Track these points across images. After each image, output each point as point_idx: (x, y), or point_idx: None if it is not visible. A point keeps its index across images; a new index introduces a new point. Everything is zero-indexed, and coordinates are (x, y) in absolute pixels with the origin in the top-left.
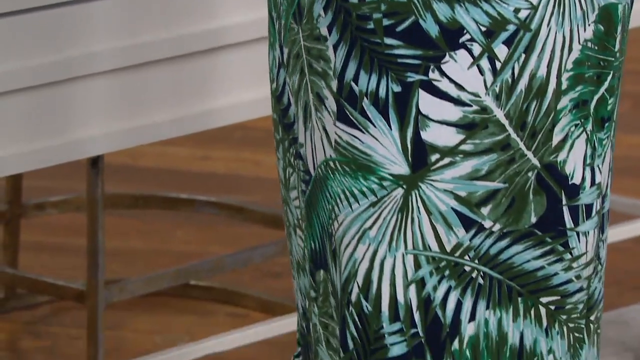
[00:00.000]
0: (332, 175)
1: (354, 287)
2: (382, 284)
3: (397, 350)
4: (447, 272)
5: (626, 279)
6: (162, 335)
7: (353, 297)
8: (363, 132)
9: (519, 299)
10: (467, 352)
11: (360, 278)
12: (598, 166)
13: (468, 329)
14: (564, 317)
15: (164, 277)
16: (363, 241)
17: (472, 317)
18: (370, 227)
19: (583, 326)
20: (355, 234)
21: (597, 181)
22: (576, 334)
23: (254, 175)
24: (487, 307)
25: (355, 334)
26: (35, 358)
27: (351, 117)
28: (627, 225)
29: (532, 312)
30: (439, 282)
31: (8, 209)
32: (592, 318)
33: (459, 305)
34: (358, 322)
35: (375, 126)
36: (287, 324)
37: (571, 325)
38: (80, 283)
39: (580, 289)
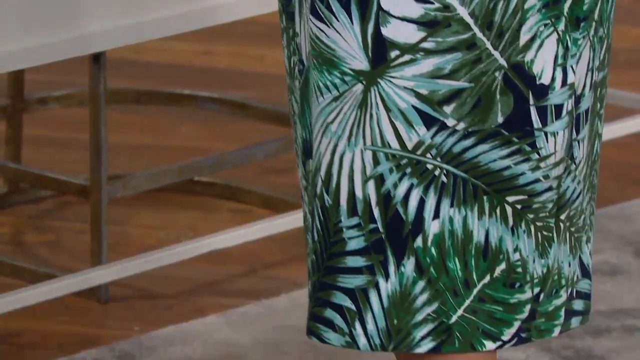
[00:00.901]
0: (312, 67)
1: (319, 180)
2: (341, 179)
3: (354, 244)
4: (408, 170)
5: (628, 173)
6: (166, 231)
7: (318, 190)
8: (328, 26)
9: (485, 197)
10: (433, 250)
11: (322, 171)
12: (571, 66)
13: (432, 227)
14: (531, 216)
15: (167, 173)
16: (326, 135)
17: (437, 215)
18: (332, 122)
19: (552, 225)
20: (320, 127)
21: (569, 81)
22: (545, 233)
23: (256, 71)
24: (452, 205)
25: (319, 226)
26: (39, 252)
27: (319, 11)
28: (630, 120)
29: (498, 210)
30: (400, 179)
31: (10, 104)
32: (562, 217)
33: (421, 203)
34: (321, 215)
35: (338, 20)
36: (290, 220)
37: (539, 224)
38: (83, 178)
39: (549, 189)
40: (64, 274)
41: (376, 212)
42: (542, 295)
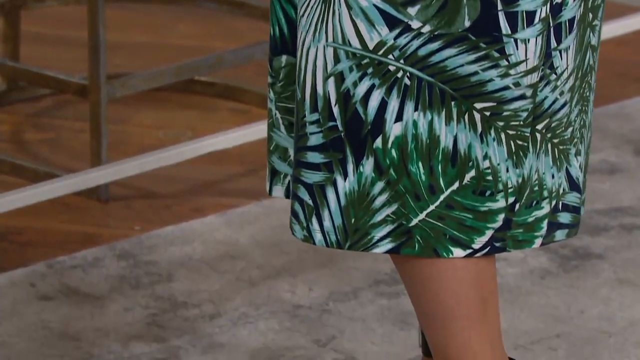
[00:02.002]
0: None
1: (297, 73)
2: (307, 73)
3: (314, 140)
4: (369, 70)
5: (629, 71)
6: (165, 130)
7: (298, 82)
8: None
9: (452, 102)
10: (393, 152)
11: (297, 65)
12: None
13: (394, 129)
14: (501, 123)
15: (166, 72)
16: (299, 29)
17: (399, 118)
18: (302, 15)
19: (527, 135)
20: (298, 22)
21: None
22: (519, 142)
23: None
24: (416, 109)
25: (294, 118)
26: (39, 150)
27: None
28: (631, 18)
29: (466, 117)
30: (360, 79)
31: (8, 0)
32: (539, 127)
33: (383, 104)
34: (296, 109)
35: None
36: None
37: (511, 132)
38: (81, 77)
39: (522, 97)
40: (64, 173)
41: (335, 110)
42: (517, 205)
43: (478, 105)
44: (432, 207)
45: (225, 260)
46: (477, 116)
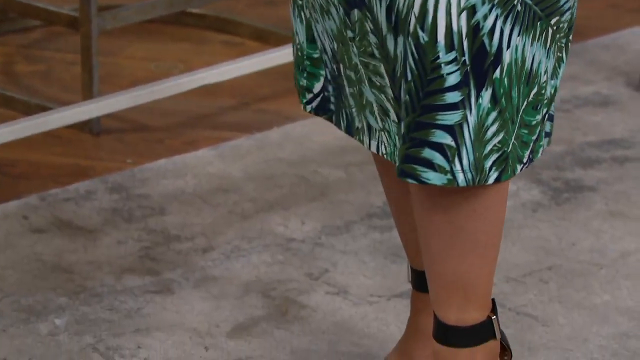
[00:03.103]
0: None
1: (411, 18)
2: (438, 13)
3: (452, 79)
4: (496, 1)
5: (624, 2)
6: (157, 63)
7: (411, 28)
8: None
9: (538, 23)
10: (505, 80)
11: (416, 8)
12: None
13: (507, 57)
14: (557, 36)
15: (157, 4)
16: None
17: (509, 45)
18: None
19: (564, 45)
20: None
21: None
22: (559, 54)
23: None
24: (519, 34)
25: (413, 65)
26: (30, 82)
27: None
28: None
29: (544, 34)
30: (490, 10)
31: None
32: (570, 37)
33: (502, 33)
34: (415, 54)
35: None
36: (282, 54)
37: (558, 44)
38: (72, 9)
39: (570, 7)
40: (56, 105)
41: (465, 44)
42: (547, 116)
43: (552, 21)
44: (515, 129)
45: (218, 193)
46: (550, 31)
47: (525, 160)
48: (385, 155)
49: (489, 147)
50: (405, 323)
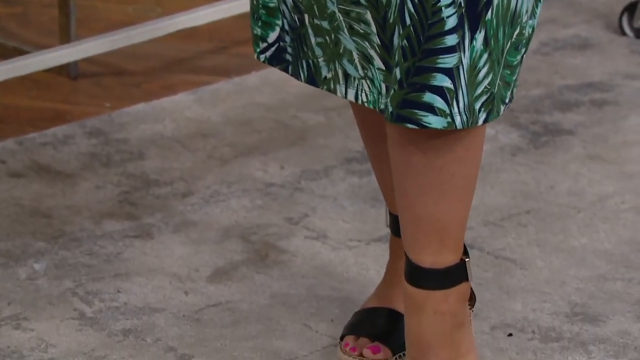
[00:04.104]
0: None
1: None
2: None
3: (451, 22)
4: None
5: None
6: (134, 6)
7: None
8: None
9: None
10: (494, 21)
11: None
12: None
13: None
14: None
15: None
16: None
17: None
18: None
19: None
20: None
21: None
22: None
23: None
24: None
25: (412, 10)
26: (7, 25)
27: None
28: None
29: None
30: None
31: None
32: None
33: None
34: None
35: None
36: None
37: None
38: None
39: None
40: (32, 49)
41: None
42: (525, 57)
43: None
44: (500, 69)
45: (197, 138)
46: None
47: (507, 100)
48: (366, 103)
49: (479, 89)
50: (385, 267)
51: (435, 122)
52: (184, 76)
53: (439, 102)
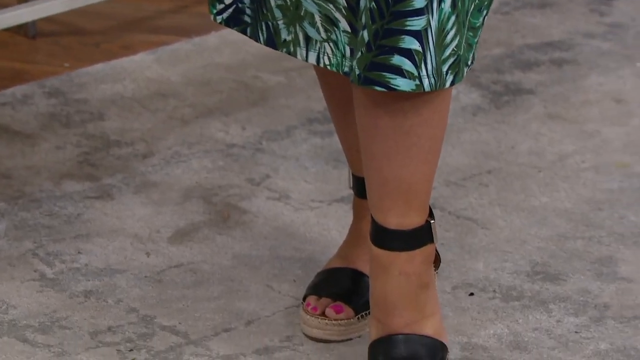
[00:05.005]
0: None
1: None
2: None
3: (421, 1)
4: None
5: None
6: None
7: None
8: None
9: None
10: None
11: None
12: None
13: None
14: None
15: None
16: None
17: None
18: None
19: None
20: None
21: None
22: None
23: None
24: None
25: None
26: None
27: None
28: None
29: None
30: None
31: None
32: None
33: None
34: None
35: None
36: None
37: None
38: None
39: None
40: None
41: None
42: (486, 18)
43: None
44: (465, 31)
45: (157, 98)
46: None
47: (469, 63)
48: (328, 66)
49: (447, 52)
50: (347, 228)
51: (403, 84)
52: (144, 36)
53: (407, 64)
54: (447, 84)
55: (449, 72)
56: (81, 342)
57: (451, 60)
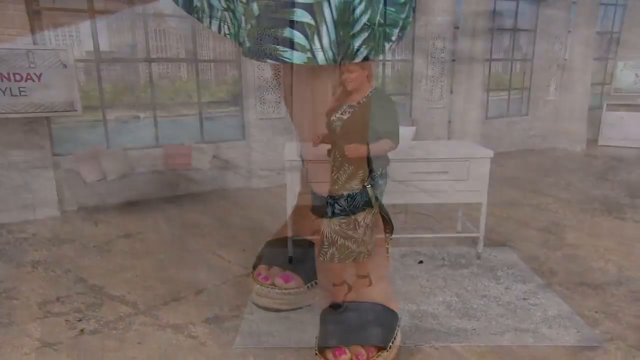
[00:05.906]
0: None
1: None
2: None
3: None
4: None
5: None
6: None
7: None
8: None
9: None
10: None
11: None
12: None
13: None
14: None
15: None
16: None
17: None
18: None
19: None
20: None
21: None
22: None
23: None
24: None
25: None
26: None
27: None
28: None
29: None
30: None
31: None
32: None
33: None
34: None
35: None
36: None
37: None
38: None
39: None
40: None
41: None
42: None
43: None
44: (380, 7)
45: None
46: None
47: (394, 38)
48: (228, 36)
49: (358, 26)
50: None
51: (296, 57)
52: None
53: (298, 37)
54: (359, 58)
55: (363, 46)
56: (29, 313)
57: (364, 34)
